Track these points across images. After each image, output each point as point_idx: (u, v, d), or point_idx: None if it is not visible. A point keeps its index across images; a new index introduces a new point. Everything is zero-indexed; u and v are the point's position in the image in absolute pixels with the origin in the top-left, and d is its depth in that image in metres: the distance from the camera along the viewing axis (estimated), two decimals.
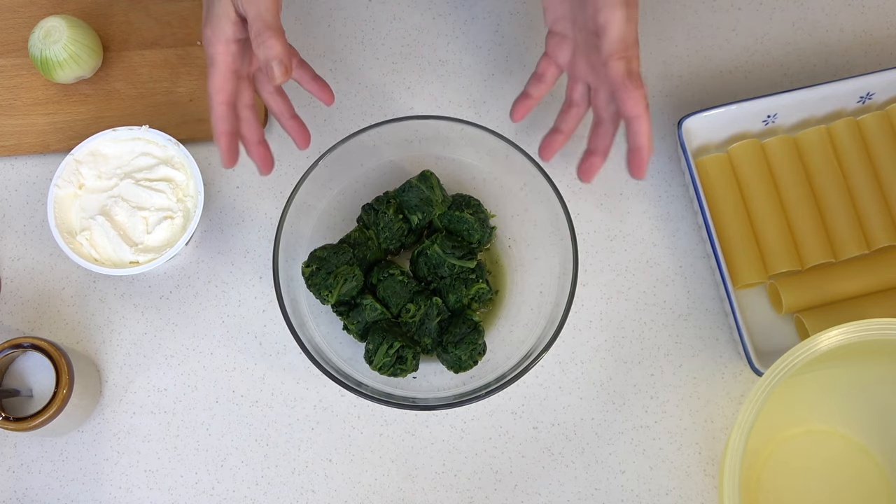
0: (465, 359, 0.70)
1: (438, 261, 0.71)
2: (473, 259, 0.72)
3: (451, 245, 0.71)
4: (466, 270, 0.71)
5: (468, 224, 0.73)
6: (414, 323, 0.71)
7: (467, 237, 0.73)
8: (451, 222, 0.73)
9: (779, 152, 0.77)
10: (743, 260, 0.74)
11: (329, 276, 0.69)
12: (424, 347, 0.72)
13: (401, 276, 0.72)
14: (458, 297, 0.71)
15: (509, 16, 0.85)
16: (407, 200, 0.73)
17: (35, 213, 0.81)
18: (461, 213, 0.73)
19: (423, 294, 0.72)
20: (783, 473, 0.73)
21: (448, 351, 0.70)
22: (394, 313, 0.72)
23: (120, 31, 0.83)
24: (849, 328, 0.64)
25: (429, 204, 0.72)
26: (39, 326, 0.78)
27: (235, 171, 0.81)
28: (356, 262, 0.71)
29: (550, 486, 0.74)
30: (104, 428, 0.76)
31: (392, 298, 0.72)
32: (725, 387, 0.75)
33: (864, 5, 0.85)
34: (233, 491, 0.74)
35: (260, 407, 0.76)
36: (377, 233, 0.73)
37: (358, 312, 0.71)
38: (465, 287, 0.71)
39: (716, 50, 0.84)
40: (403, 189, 0.73)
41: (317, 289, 0.70)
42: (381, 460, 0.74)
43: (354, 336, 0.72)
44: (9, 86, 0.82)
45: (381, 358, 0.69)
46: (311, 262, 0.70)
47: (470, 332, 0.70)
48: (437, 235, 0.72)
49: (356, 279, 0.70)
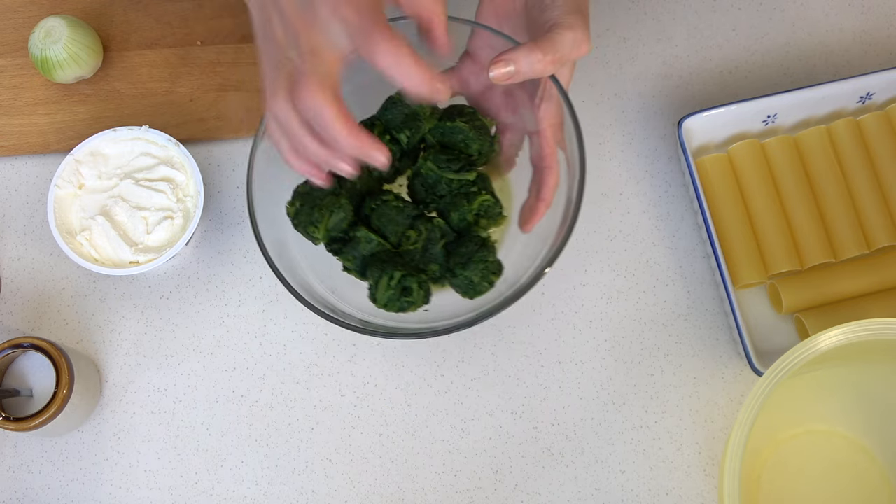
0: (478, 280, 0.63)
1: (434, 178, 0.64)
2: (472, 170, 0.64)
3: (447, 159, 0.64)
4: (467, 184, 0.64)
5: (463, 133, 0.65)
6: (417, 250, 0.64)
7: (464, 149, 0.65)
8: (444, 134, 0.65)
9: (779, 152, 0.77)
10: (743, 260, 0.74)
11: (314, 210, 0.62)
12: (432, 276, 0.64)
13: (395, 202, 0.64)
14: (462, 213, 0.64)
15: None
16: (391, 118, 0.65)
17: (35, 213, 0.81)
18: (453, 122, 0.64)
19: (423, 218, 0.65)
20: (783, 473, 0.73)
21: (457, 274, 0.63)
22: (393, 243, 0.64)
23: (120, 31, 0.83)
24: (849, 328, 0.64)
25: (416, 118, 0.64)
26: (39, 326, 0.78)
27: (235, 171, 0.81)
28: (343, 192, 0.63)
29: (550, 486, 0.74)
30: (104, 428, 0.76)
31: (389, 227, 0.64)
32: (725, 387, 0.75)
33: (864, 5, 0.85)
34: (233, 491, 0.74)
35: (260, 407, 0.76)
36: None
37: (353, 247, 0.64)
38: (468, 201, 0.64)
39: (716, 50, 0.84)
40: (385, 107, 0.65)
41: (303, 227, 0.63)
42: (381, 460, 0.74)
43: (355, 275, 0.65)
44: (9, 86, 0.82)
45: (383, 292, 0.62)
46: (295, 200, 0.63)
47: (478, 250, 0.63)
48: (431, 151, 0.65)
49: (343, 209, 0.63)
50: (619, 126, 0.82)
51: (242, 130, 0.81)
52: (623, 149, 0.81)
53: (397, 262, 0.63)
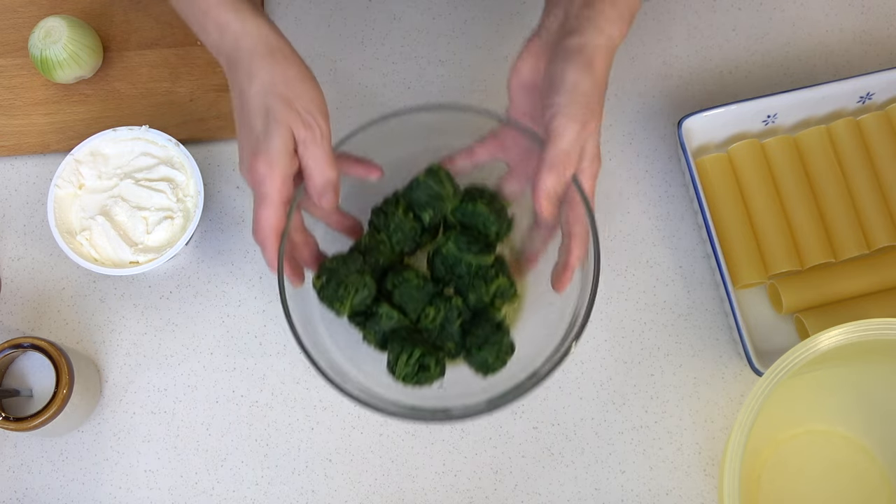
0: (493, 360, 0.65)
1: (454, 259, 0.67)
2: (491, 254, 0.67)
3: (467, 241, 0.66)
4: (485, 266, 0.67)
5: (483, 216, 0.67)
6: (435, 327, 0.67)
7: (484, 230, 0.68)
8: (464, 216, 0.68)
9: (779, 152, 0.77)
10: (743, 260, 0.74)
11: (340, 286, 0.64)
12: (448, 352, 0.67)
13: (416, 280, 0.67)
14: (479, 295, 0.67)
15: (509, 16, 0.85)
16: (416, 198, 0.68)
17: (35, 213, 0.81)
18: (475, 205, 0.67)
19: (441, 296, 0.68)
20: (783, 473, 0.73)
21: (473, 354, 0.66)
22: (412, 319, 0.67)
23: (120, 31, 0.83)
24: (849, 328, 0.64)
25: (439, 199, 0.67)
26: (39, 326, 0.78)
27: (235, 171, 0.81)
28: (367, 269, 0.66)
29: (550, 486, 0.74)
30: (104, 428, 0.76)
31: (409, 303, 0.67)
32: (725, 387, 0.75)
33: (864, 5, 0.85)
34: (233, 491, 0.74)
35: (260, 407, 0.76)
36: (389, 235, 0.68)
37: (375, 321, 0.66)
38: (485, 284, 0.66)
39: (716, 50, 0.84)
40: (411, 186, 0.68)
41: (328, 301, 0.65)
42: (381, 460, 0.74)
43: (374, 346, 0.68)
44: (9, 86, 0.83)
45: (402, 368, 0.64)
46: (322, 274, 0.66)
47: (494, 332, 0.66)
48: (452, 232, 0.68)
49: (368, 287, 0.65)
50: (619, 126, 0.82)
51: None
52: (623, 149, 0.81)
53: (416, 338, 0.66)
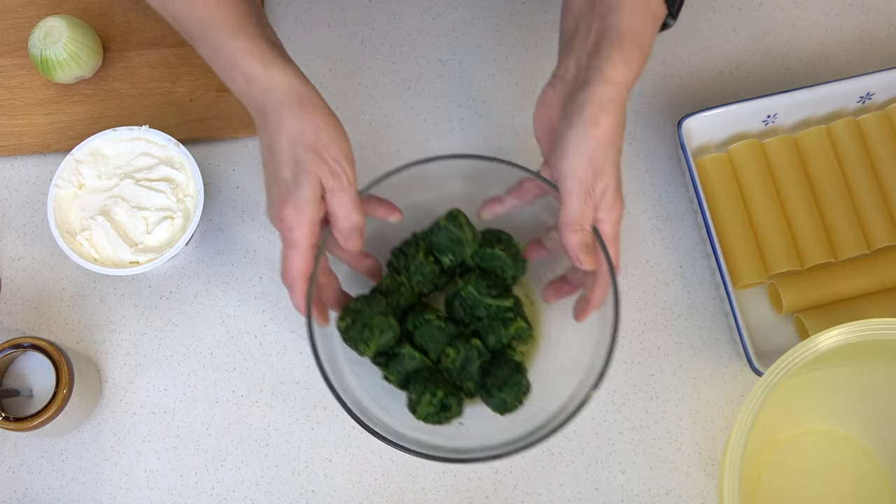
0: (511, 401, 0.67)
1: (474, 302, 0.69)
2: (510, 297, 0.69)
3: (486, 284, 0.69)
4: (504, 309, 0.69)
5: (501, 261, 0.70)
6: (455, 368, 0.69)
7: (501, 274, 0.70)
8: (483, 260, 0.70)
9: (779, 152, 0.77)
10: (743, 260, 0.74)
11: (365, 328, 0.66)
12: (467, 392, 0.69)
13: (437, 321, 0.69)
14: (498, 337, 0.69)
15: (509, 16, 0.85)
16: (437, 242, 0.70)
17: (35, 213, 0.81)
18: (493, 249, 0.70)
19: (461, 337, 0.70)
20: (783, 473, 0.73)
21: (493, 395, 0.68)
22: (433, 359, 0.69)
23: (120, 31, 0.83)
24: (849, 328, 0.64)
25: (459, 244, 0.70)
26: (39, 326, 0.78)
27: (235, 171, 0.81)
28: (390, 311, 0.68)
29: (550, 486, 0.74)
30: (104, 428, 0.76)
31: (430, 344, 0.69)
32: (725, 387, 0.75)
33: (864, 5, 0.85)
34: (233, 491, 0.74)
35: (260, 407, 0.76)
36: (409, 277, 0.70)
37: (397, 362, 0.68)
38: (504, 327, 0.69)
39: (716, 50, 0.84)
40: (432, 230, 0.70)
41: (353, 343, 0.67)
42: (381, 460, 0.74)
43: (395, 385, 0.69)
44: (9, 86, 0.82)
45: (425, 408, 0.67)
46: (346, 316, 0.67)
47: (513, 373, 0.68)
48: (471, 276, 0.70)
49: (392, 329, 0.68)
50: None
51: (242, 130, 0.81)
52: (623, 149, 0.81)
53: (438, 379, 0.68)
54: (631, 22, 0.60)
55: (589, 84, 0.60)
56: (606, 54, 0.60)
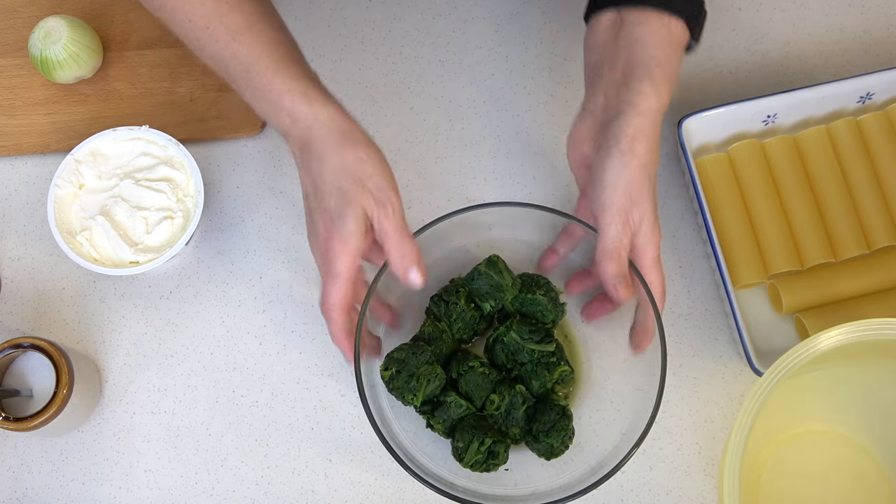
0: (557, 446, 0.68)
1: (516, 347, 0.69)
2: (552, 342, 0.70)
3: (528, 330, 0.69)
4: (547, 354, 0.69)
5: (541, 305, 0.71)
6: (500, 414, 0.69)
7: (541, 318, 0.71)
8: (523, 305, 0.71)
9: (779, 152, 0.77)
10: (743, 260, 0.74)
11: (411, 378, 0.67)
12: (513, 438, 0.70)
13: (481, 368, 0.69)
14: (542, 382, 0.69)
15: (509, 16, 0.85)
16: (477, 288, 0.71)
17: (35, 213, 0.81)
18: (533, 295, 0.71)
19: (504, 383, 0.70)
20: (783, 473, 0.73)
21: (540, 441, 0.68)
22: (477, 406, 0.70)
23: (120, 31, 0.83)
24: (849, 328, 0.64)
25: (500, 289, 0.70)
26: (39, 326, 0.78)
27: (235, 171, 0.81)
28: (435, 359, 0.69)
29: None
30: (104, 428, 0.76)
31: (475, 392, 0.69)
32: (725, 387, 0.75)
33: (864, 5, 0.85)
34: (233, 491, 0.74)
35: (260, 407, 0.76)
36: (450, 324, 0.71)
37: (443, 411, 0.69)
38: (548, 372, 0.69)
39: (716, 50, 0.84)
40: (472, 277, 0.71)
41: (399, 392, 0.68)
42: (381, 460, 0.74)
43: (440, 433, 0.70)
44: (9, 86, 0.83)
45: (472, 455, 0.67)
46: (390, 366, 0.68)
47: (560, 419, 0.68)
48: (512, 321, 0.70)
49: (439, 378, 0.68)
50: None
51: (242, 130, 0.81)
52: None
53: (484, 426, 0.69)
54: (656, 51, 0.62)
55: (622, 116, 0.62)
56: (636, 87, 0.61)
